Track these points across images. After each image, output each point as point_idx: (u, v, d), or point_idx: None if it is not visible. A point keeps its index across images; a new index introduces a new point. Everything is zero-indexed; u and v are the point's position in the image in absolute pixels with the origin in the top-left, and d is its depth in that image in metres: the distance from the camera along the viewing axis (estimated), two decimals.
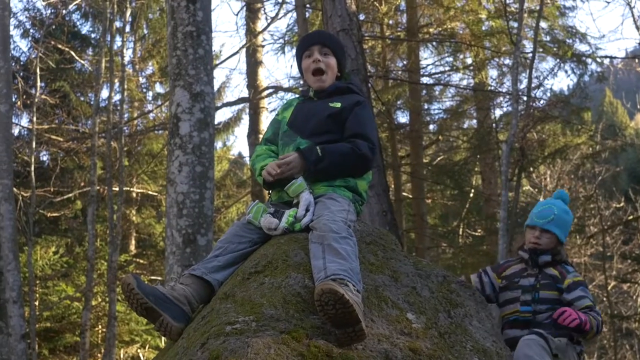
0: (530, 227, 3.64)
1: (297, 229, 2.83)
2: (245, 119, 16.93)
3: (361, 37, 7.70)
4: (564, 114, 11.58)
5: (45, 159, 16.73)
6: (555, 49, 12.11)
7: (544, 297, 3.43)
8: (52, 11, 16.02)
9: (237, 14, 23.54)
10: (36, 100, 13.93)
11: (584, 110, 12.32)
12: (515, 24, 10.25)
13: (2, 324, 8.65)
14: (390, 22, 13.21)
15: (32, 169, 13.06)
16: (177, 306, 2.64)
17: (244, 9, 14.57)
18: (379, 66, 12.89)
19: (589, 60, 12.11)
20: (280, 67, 68.67)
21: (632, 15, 12.21)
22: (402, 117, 14.84)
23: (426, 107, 14.51)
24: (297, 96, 3.45)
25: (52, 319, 14.10)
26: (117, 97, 15.24)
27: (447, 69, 13.91)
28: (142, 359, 14.78)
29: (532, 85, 10.47)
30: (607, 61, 13.48)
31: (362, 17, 11.70)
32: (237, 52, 14.58)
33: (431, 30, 13.12)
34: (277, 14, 13.92)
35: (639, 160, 23.12)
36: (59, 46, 14.89)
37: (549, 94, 12.61)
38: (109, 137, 13.64)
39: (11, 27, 10.94)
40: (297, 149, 2.98)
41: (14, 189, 10.05)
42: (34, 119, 13.87)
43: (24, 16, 16.43)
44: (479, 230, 14.58)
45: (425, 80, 13.85)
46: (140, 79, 17.60)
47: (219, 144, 18.79)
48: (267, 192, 3.20)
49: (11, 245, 8.91)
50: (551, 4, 11.81)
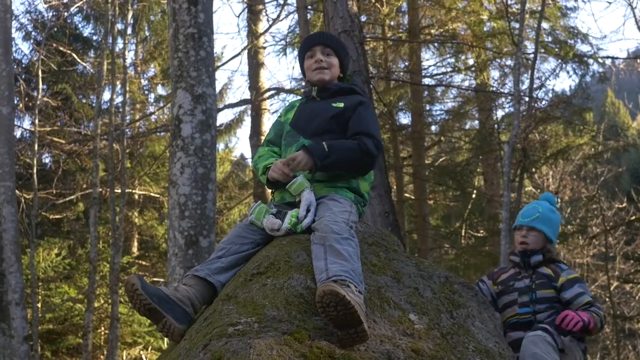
0: (517, 229, 3.64)
1: (299, 230, 2.82)
2: (247, 121, 16.93)
3: (363, 38, 7.70)
4: (565, 114, 11.57)
5: (47, 161, 16.73)
6: (557, 50, 12.09)
7: (541, 296, 3.42)
8: (54, 13, 16.06)
9: (238, 16, 23.44)
10: (38, 102, 13.94)
11: (586, 110, 12.31)
12: (516, 25, 10.22)
13: (5, 326, 8.65)
14: (391, 23, 13.20)
15: (35, 171, 13.06)
16: (180, 307, 2.64)
17: (246, 10, 14.56)
18: (381, 67, 12.88)
19: (591, 60, 12.09)
20: (282, 69, 68.82)
21: (634, 15, 12.20)
22: (404, 118, 14.84)
23: (428, 108, 14.51)
24: (300, 98, 3.44)
25: (54, 321, 14.08)
26: (119, 99, 15.28)
27: (448, 70, 13.91)
28: None
29: (534, 85, 10.45)
30: (609, 62, 13.47)
31: (363, 18, 11.69)
32: (238, 53, 14.59)
33: (433, 31, 13.13)
34: (278, 16, 13.93)
35: None
36: (61, 48, 14.89)
37: (550, 95, 12.60)
38: (111, 139, 13.63)
39: (13, 30, 11.00)
40: (302, 146, 2.97)
41: (17, 191, 10.06)
42: (36, 121, 13.87)
43: (26, 19, 16.45)
44: (482, 231, 14.54)
45: (427, 81, 13.85)
46: (142, 81, 17.60)
47: (220, 146, 18.77)
48: (271, 192, 3.20)
49: (14, 247, 8.92)
50: (553, 4, 11.80)
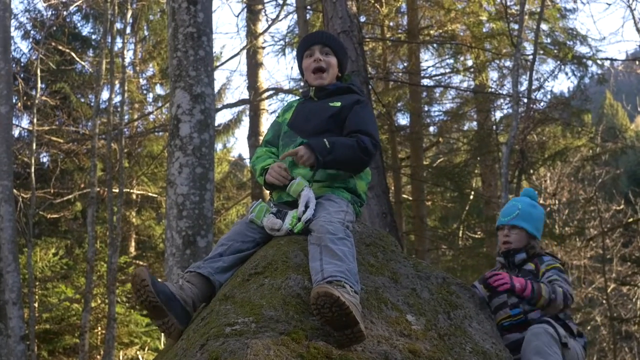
0: (499, 229, 3.60)
1: (298, 230, 2.80)
2: (245, 121, 16.92)
3: (362, 38, 7.70)
4: (564, 116, 11.59)
5: (45, 160, 16.72)
6: (555, 51, 12.10)
7: None
8: (53, 12, 16.05)
9: (237, 16, 23.71)
10: (36, 101, 13.92)
11: (584, 112, 12.31)
12: (515, 26, 10.25)
13: (2, 326, 8.64)
14: (390, 24, 13.20)
15: (32, 170, 13.05)
16: (183, 307, 2.63)
17: (245, 10, 14.57)
18: (380, 68, 12.88)
19: (590, 62, 12.10)
20: (280, 69, 68.82)
21: (633, 17, 12.19)
22: (403, 119, 14.85)
23: (426, 109, 14.51)
24: (298, 98, 3.44)
25: (51, 321, 14.08)
26: (117, 99, 15.24)
27: (447, 70, 13.91)
28: None
29: (533, 87, 10.48)
30: (607, 63, 13.44)
31: (362, 19, 11.70)
32: (237, 53, 14.58)
33: (432, 32, 13.14)
34: (277, 16, 13.93)
35: (639, 162, 23.12)
36: (60, 47, 14.90)
37: (549, 96, 12.62)
38: (109, 138, 13.62)
39: (12, 29, 10.97)
40: (302, 142, 2.95)
41: (14, 191, 10.05)
42: (34, 121, 13.87)
43: (25, 17, 16.47)
44: (479, 232, 14.55)
45: (425, 82, 13.85)
46: (140, 80, 17.60)
47: (219, 146, 18.76)
48: (269, 192, 3.19)
49: (11, 246, 8.91)
50: (552, 6, 11.80)
